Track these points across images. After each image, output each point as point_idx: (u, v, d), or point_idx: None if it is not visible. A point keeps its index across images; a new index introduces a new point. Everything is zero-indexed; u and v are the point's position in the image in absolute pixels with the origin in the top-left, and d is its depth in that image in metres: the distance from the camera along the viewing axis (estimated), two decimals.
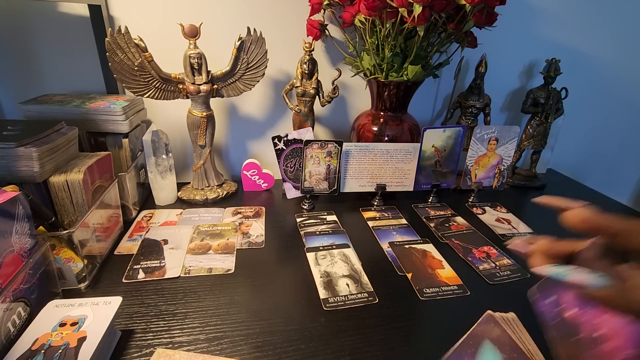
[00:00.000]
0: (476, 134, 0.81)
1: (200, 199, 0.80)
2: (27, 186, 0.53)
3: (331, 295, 0.54)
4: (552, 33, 0.95)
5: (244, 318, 0.50)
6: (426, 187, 0.84)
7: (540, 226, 0.76)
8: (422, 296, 0.55)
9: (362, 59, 0.78)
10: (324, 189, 0.79)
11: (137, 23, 0.74)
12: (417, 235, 0.72)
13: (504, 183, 0.87)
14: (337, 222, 0.75)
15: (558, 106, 0.91)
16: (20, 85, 0.79)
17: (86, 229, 0.55)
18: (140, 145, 0.77)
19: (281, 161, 0.78)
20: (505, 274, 0.61)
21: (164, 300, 0.53)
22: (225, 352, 0.45)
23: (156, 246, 0.64)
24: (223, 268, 0.60)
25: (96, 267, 0.58)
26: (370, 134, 0.82)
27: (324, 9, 0.76)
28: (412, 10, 0.63)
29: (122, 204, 0.69)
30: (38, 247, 0.47)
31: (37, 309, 0.44)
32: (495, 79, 0.92)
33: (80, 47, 0.77)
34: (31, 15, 0.74)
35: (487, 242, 0.70)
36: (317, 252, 0.65)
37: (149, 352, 0.44)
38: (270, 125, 0.93)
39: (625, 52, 1.00)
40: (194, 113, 0.75)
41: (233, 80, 0.76)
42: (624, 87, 1.05)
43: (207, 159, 0.80)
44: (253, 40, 0.73)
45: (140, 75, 0.69)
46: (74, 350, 0.38)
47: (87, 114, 0.67)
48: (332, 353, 0.45)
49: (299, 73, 0.77)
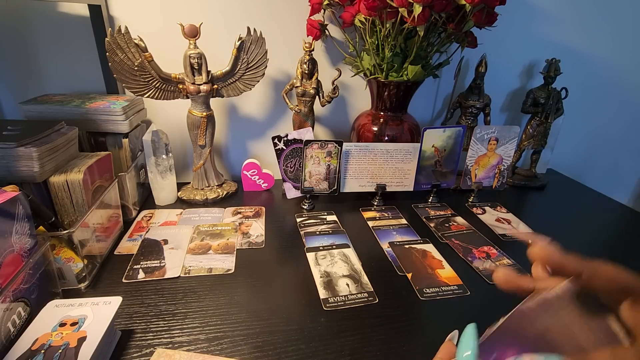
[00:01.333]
0: (476, 134, 0.81)
1: (200, 199, 0.80)
2: (27, 186, 0.53)
3: (331, 295, 0.54)
4: (552, 33, 0.95)
5: (244, 318, 0.50)
6: (426, 187, 0.84)
7: (540, 226, 0.76)
8: (422, 296, 0.55)
9: (362, 59, 0.78)
10: (324, 189, 0.79)
11: (137, 23, 0.74)
12: (417, 235, 0.72)
13: (504, 183, 0.87)
14: (337, 222, 0.75)
15: (558, 106, 0.91)
16: (20, 85, 0.79)
17: (86, 229, 0.55)
18: (140, 145, 0.77)
19: (281, 161, 0.78)
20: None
21: (164, 300, 0.53)
22: (225, 352, 0.45)
23: (156, 246, 0.64)
24: (223, 268, 0.60)
25: (96, 267, 0.58)
26: (370, 134, 0.82)
27: (324, 9, 0.76)
28: (412, 10, 0.63)
29: (122, 204, 0.69)
30: (38, 247, 0.47)
31: (37, 309, 0.44)
32: (495, 79, 0.92)
33: (80, 47, 0.77)
34: (31, 15, 0.74)
35: (487, 242, 0.70)
36: (317, 252, 0.65)
37: (149, 352, 0.44)
38: (270, 125, 0.93)
39: (625, 52, 1.00)
40: (194, 113, 0.75)
41: (233, 80, 0.76)
42: (624, 87, 1.05)
43: (207, 159, 0.80)
44: (253, 40, 0.73)
45: (140, 75, 0.69)
46: (74, 350, 0.38)
47: (87, 114, 0.67)
48: (332, 353, 0.45)
49: (299, 73, 0.77)
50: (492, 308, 0.54)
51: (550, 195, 0.94)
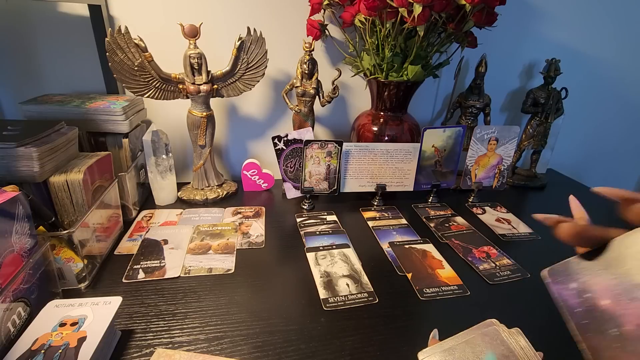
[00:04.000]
0: (476, 134, 0.81)
1: (200, 199, 0.80)
2: (27, 186, 0.53)
3: (331, 295, 0.54)
4: (552, 33, 0.95)
5: (244, 318, 0.50)
6: (426, 187, 0.84)
7: (540, 226, 0.76)
8: (422, 296, 0.55)
9: (362, 59, 0.78)
10: (324, 189, 0.79)
11: (137, 23, 0.74)
12: (417, 235, 0.72)
13: (504, 183, 0.87)
14: (337, 222, 0.75)
15: (558, 106, 0.91)
16: (20, 85, 0.79)
17: (86, 229, 0.55)
18: (140, 145, 0.77)
19: (281, 161, 0.78)
20: (505, 274, 0.61)
21: (164, 300, 0.53)
22: (225, 352, 0.45)
23: (156, 246, 0.64)
24: (223, 268, 0.60)
25: (96, 267, 0.58)
26: (370, 134, 0.82)
27: (324, 9, 0.76)
28: (412, 10, 0.63)
29: (122, 204, 0.69)
30: (38, 247, 0.47)
31: (37, 309, 0.44)
32: (495, 79, 0.92)
33: (80, 47, 0.77)
34: (31, 15, 0.74)
35: (487, 242, 0.70)
36: (317, 252, 0.65)
37: (149, 352, 0.44)
38: (270, 125, 0.93)
39: (625, 52, 1.00)
40: (194, 113, 0.75)
41: (233, 80, 0.76)
42: (624, 87, 1.05)
43: (207, 159, 0.80)
44: (253, 40, 0.73)
45: (140, 75, 0.69)
46: (74, 350, 0.38)
47: (87, 114, 0.67)
48: (332, 353, 0.45)
49: (299, 73, 0.77)
50: (492, 308, 0.54)
51: (550, 195, 0.94)
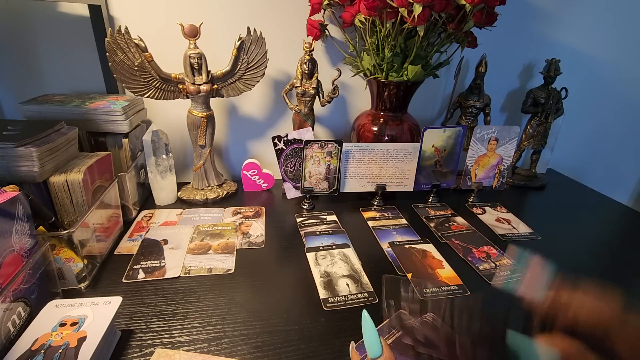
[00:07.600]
0: (476, 134, 0.81)
1: (200, 199, 0.80)
2: (27, 186, 0.53)
3: (331, 295, 0.54)
4: (552, 33, 0.95)
5: (244, 318, 0.50)
6: (426, 187, 0.84)
7: (540, 226, 0.76)
8: (422, 296, 0.55)
9: (362, 59, 0.78)
10: (324, 189, 0.79)
11: (137, 23, 0.74)
12: (417, 235, 0.72)
13: (504, 183, 0.87)
14: (337, 222, 0.75)
15: (558, 106, 0.91)
16: (20, 85, 0.79)
17: (86, 229, 0.55)
18: (140, 145, 0.77)
19: (281, 161, 0.78)
20: (505, 274, 0.61)
21: (164, 300, 0.53)
22: (225, 352, 0.45)
23: (156, 246, 0.64)
24: (223, 268, 0.60)
25: (96, 267, 0.58)
26: (370, 134, 0.82)
27: (324, 9, 0.76)
28: (412, 10, 0.63)
29: (122, 204, 0.69)
30: (38, 247, 0.47)
31: (37, 309, 0.44)
32: (495, 79, 0.92)
33: (80, 47, 0.77)
34: (31, 15, 0.74)
35: (487, 242, 0.70)
36: (317, 252, 0.65)
37: (149, 352, 0.44)
38: (270, 125, 0.93)
39: (625, 52, 1.00)
40: (194, 113, 0.75)
41: (233, 80, 0.76)
42: (624, 87, 1.05)
43: (207, 159, 0.80)
44: (253, 40, 0.73)
45: (140, 75, 0.69)
46: (74, 350, 0.38)
47: (87, 114, 0.67)
48: (332, 353, 0.45)
49: (299, 73, 0.77)
50: (491, 308, 0.54)
51: (550, 195, 0.94)
